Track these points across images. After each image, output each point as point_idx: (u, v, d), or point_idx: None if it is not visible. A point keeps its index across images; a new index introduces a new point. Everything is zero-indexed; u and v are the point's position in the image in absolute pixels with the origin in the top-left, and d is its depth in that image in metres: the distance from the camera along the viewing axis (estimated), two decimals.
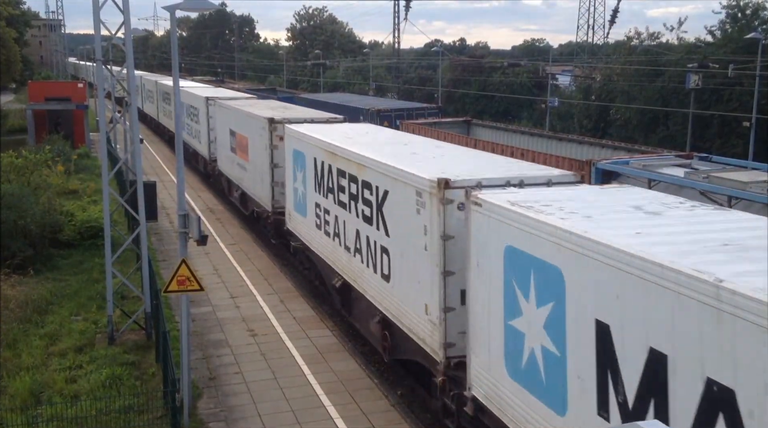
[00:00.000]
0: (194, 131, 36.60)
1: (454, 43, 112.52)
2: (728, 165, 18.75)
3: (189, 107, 37.40)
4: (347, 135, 18.51)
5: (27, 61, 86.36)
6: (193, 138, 37.25)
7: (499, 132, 34.79)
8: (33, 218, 22.31)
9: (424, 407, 14.18)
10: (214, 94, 34.99)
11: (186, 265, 12.77)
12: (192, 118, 36.82)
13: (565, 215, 9.07)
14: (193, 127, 36.84)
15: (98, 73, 17.83)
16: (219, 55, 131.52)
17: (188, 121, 37.93)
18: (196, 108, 35.24)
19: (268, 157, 23.26)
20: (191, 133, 37.61)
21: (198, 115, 34.79)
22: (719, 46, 47.20)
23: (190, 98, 37.20)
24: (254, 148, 24.89)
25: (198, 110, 34.42)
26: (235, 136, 27.84)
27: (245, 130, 26.13)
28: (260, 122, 23.93)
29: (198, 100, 34.75)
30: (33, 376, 14.53)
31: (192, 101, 36.72)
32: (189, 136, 38.09)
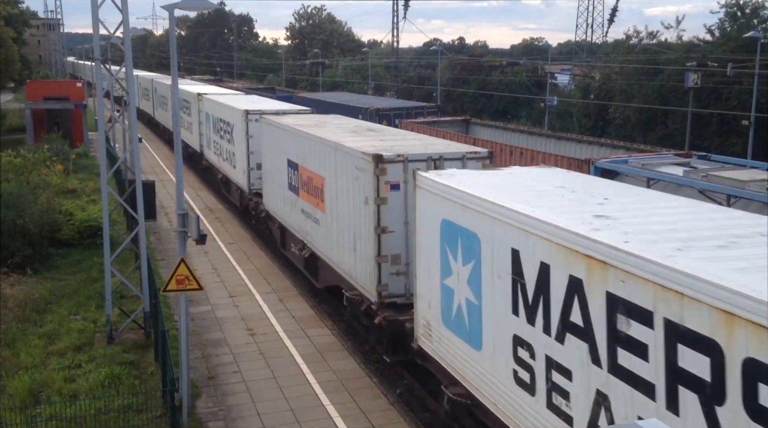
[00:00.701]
0: (226, 152, 29.97)
1: (453, 42, 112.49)
2: (727, 163, 18.77)
3: (218, 121, 31.16)
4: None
5: (26, 60, 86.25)
6: (223, 160, 30.55)
7: (498, 131, 34.80)
8: (32, 217, 22.31)
9: (424, 406, 14.20)
10: (255, 107, 27.87)
11: (185, 264, 12.76)
12: (222, 134, 30.48)
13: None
14: (224, 147, 30.21)
15: (97, 73, 17.82)
16: (218, 54, 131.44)
17: (216, 138, 32.02)
18: (229, 123, 28.70)
19: (371, 217, 14.70)
20: (219, 153, 31.48)
21: (232, 133, 28.33)
22: (718, 44, 47.21)
23: (221, 110, 30.74)
24: (342, 196, 16.52)
25: (232, 126, 28.16)
26: (298, 171, 19.93)
27: (320, 165, 17.96)
28: (359, 160, 15.17)
29: (232, 113, 28.18)
30: (32, 375, 14.52)
31: (223, 114, 30.08)
32: (216, 156, 32.17)
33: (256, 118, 25.35)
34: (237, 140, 27.41)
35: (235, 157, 27.99)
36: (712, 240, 8.01)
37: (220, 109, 30.64)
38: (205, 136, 34.62)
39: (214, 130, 32.40)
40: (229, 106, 28.94)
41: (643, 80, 48.91)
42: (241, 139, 26.41)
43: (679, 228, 8.50)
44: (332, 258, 17.55)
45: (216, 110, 31.64)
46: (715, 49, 46.06)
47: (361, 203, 15.24)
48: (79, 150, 42.12)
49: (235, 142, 27.74)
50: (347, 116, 27.63)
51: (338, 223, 16.92)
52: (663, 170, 17.56)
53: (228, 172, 29.76)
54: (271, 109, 26.38)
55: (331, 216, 17.42)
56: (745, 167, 18.02)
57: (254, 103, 30.89)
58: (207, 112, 33.68)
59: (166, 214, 29.03)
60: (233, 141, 28.17)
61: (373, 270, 14.77)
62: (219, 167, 31.62)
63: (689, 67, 42.72)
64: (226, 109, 29.33)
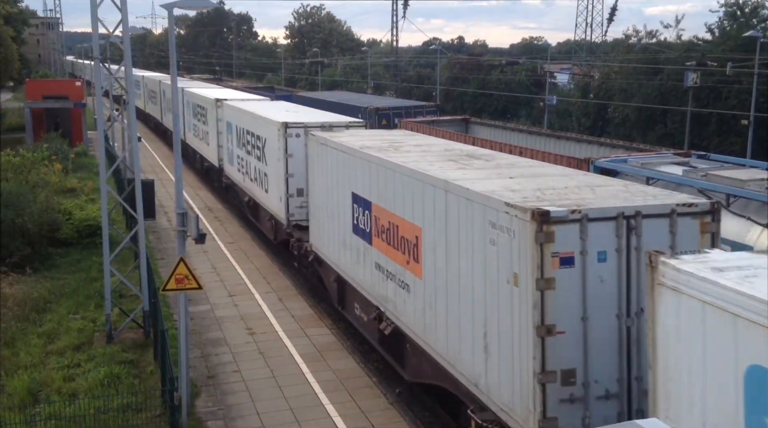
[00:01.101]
0: (254, 172, 25.07)
1: (453, 41, 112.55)
2: (726, 163, 18.76)
3: (244, 133, 26.44)
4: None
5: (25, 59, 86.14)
6: (251, 180, 25.67)
7: (497, 130, 34.76)
8: (31, 217, 22.29)
9: (423, 405, 14.19)
10: (296, 118, 22.38)
11: (184, 264, 12.76)
12: (250, 150, 25.50)
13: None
14: (252, 165, 25.39)
15: (96, 72, 17.80)
16: (217, 53, 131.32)
17: (241, 153, 27.07)
18: (260, 137, 23.87)
19: (526, 307, 9.67)
20: (246, 171, 26.42)
21: (263, 149, 23.48)
22: (718, 44, 47.21)
23: (248, 120, 25.94)
24: (459, 262, 11.38)
25: (264, 141, 23.39)
26: (371, 211, 14.89)
27: (413, 208, 13.01)
28: (498, 214, 10.21)
29: (265, 125, 23.21)
30: (31, 375, 14.52)
31: (252, 125, 25.22)
32: (241, 175, 27.19)
33: (297, 133, 20.71)
34: (271, 159, 22.45)
35: (268, 178, 23.00)
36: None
37: (247, 118, 25.69)
38: (225, 149, 29.77)
39: (238, 144, 27.21)
40: (261, 116, 23.84)
41: (643, 79, 48.91)
42: (277, 157, 21.62)
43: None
44: (437, 347, 12.17)
45: (241, 120, 26.68)
46: (715, 49, 46.07)
47: (500, 281, 10.04)
48: (78, 149, 42.10)
49: (268, 161, 22.81)
50: (348, 115, 27.44)
51: (450, 301, 11.57)
52: (662, 169, 17.55)
53: (258, 196, 24.70)
54: (316, 122, 21.55)
55: (434, 286, 12.11)
56: (744, 166, 18.01)
57: (292, 113, 24.84)
58: (228, 122, 28.91)
59: (165, 213, 29.02)
60: (265, 159, 23.22)
61: (532, 392, 9.43)
62: (245, 188, 26.46)
63: (689, 67, 42.74)
64: (256, 119, 24.31)
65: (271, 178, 22.67)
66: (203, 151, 34.86)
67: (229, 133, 29.07)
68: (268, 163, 22.84)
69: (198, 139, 36.38)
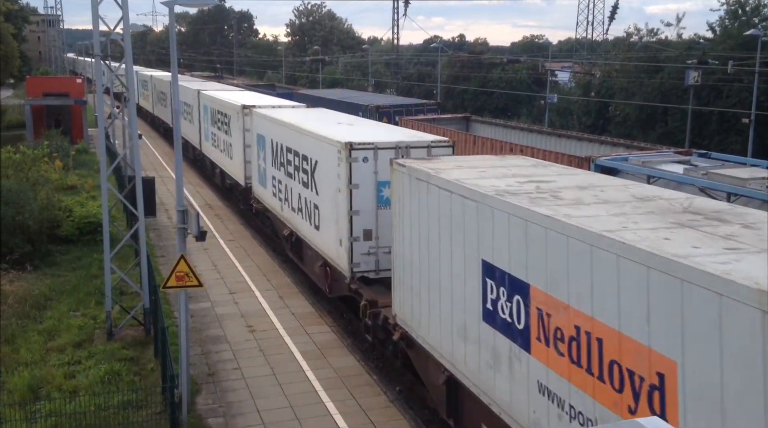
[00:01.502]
0: (299, 201, 19.73)
1: (454, 39, 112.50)
2: (727, 161, 18.76)
3: (282, 150, 21.04)
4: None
5: (25, 56, 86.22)
6: (294, 211, 20.25)
7: (498, 128, 34.74)
8: (31, 214, 22.29)
9: (423, 403, 14.19)
10: (362, 136, 16.99)
11: (185, 261, 12.76)
12: (293, 172, 20.15)
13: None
14: (294, 191, 20.17)
15: (97, 69, 17.79)
16: (218, 50, 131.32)
17: (278, 174, 21.67)
18: (308, 158, 18.61)
19: None
20: (286, 197, 21.09)
21: (313, 172, 18.31)
22: (719, 42, 47.19)
23: (288, 134, 20.53)
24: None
25: (314, 163, 18.18)
26: (529, 300, 9.40)
27: (638, 320, 7.47)
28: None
29: (318, 144, 17.86)
30: (32, 372, 14.53)
31: (295, 141, 19.86)
32: (278, 201, 22.03)
33: (364, 157, 15.76)
34: (325, 187, 17.47)
35: (320, 213, 17.96)
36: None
37: (287, 132, 20.55)
38: (255, 166, 24.65)
39: (273, 162, 22.09)
40: (308, 131, 18.60)
41: (644, 78, 48.88)
42: (336, 187, 16.50)
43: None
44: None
45: (278, 133, 21.46)
46: (716, 47, 46.05)
47: None
48: (79, 146, 42.08)
49: (321, 190, 17.81)
50: (347, 113, 27.36)
51: None
52: (663, 168, 17.55)
53: (304, 232, 19.58)
54: (388, 142, 16.13)
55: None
56: (745, 165, 18.02)
57: (351, 127, 19.28)
58: (260, 134, 23.76)
59: (165, 210, 29.02)
60: (315, 186, 18.22)
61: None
62: (284, 219, 21.37)
63: (690, 65, 42.73)
64: (301, 134, 19.22)
65: (325, 212, 17.58)
66: (225, 165, 29.92)
67: (260, 148, 23.68)
68: (321, 193, 17.87)
69: (218, 151, 31.38)
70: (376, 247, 16.10)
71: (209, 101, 33.28)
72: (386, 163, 14.75)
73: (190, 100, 37.85)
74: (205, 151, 34.54)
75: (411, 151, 15.89)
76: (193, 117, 37.50)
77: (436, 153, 15.81)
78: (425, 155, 15.66)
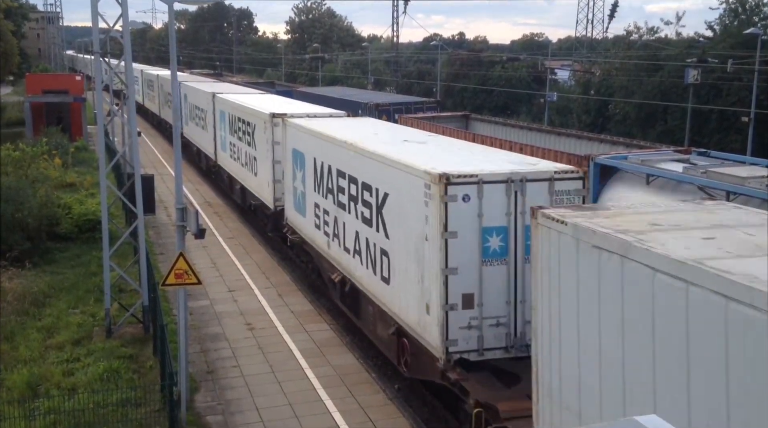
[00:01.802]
0: (366, 247, 15.03)
1: (453, 37, 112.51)
2: (726, 160, 18.74)
3: (332, 173, 16.89)
4: None
5: (25, 53, 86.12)
6: (362, 264, 15.34)
7: (497, 126, 34.73)
8: (30, 211, 22.28)
9: (422, 401, 14.20)
10: (456, 165, 12.52)
11: (184, 259, 12.76)
12: (348, 203, 15.95)
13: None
14: (352, 229, 15.85)
15: (96, 66, 17.78)
16: (217, 48, 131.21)
17: (325, 203, 17.43)
18: (371, 188, 14.59)
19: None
20: (335, 233, 16.87)
21: (380, 210, 14.20)
22: (718, 41, 47.21)
23: (346, 155, 15.94)
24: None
25: (381, 198, 14.15)
26: None
27: None
28: None
29: (392, 173, 13.57)
30: (30, 369, 14.53)
31: (359, 167, 15.24)
32: (322, 234, 17.91)
33: (465, 196, 11.70)
34: (401, 232, 13.12)
35: (390, 261, 13.65)
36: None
37: (339, 152, 16.28)
38: (288, 187, 20.58)
39: (317, 187, 17.95)
40: (380, 156, 14.05)
41: (643, 76, 48.89)
42: (421, 234, 12.25)
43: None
44: None
45: (326, 151, 17.21)
46: (716, 46, 46.06)
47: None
48: (78, 143, 42.03)
49: (394, 234, 13.46)
50: (347, 111, 27.27)
51: None
52: (662, 166, 17.53)
53: (366, 284, 15.05)
54: (499, 172, 12.09)
55: None
56: (744, 164, 18.00)
57: (441, 151, 14.91)
58: (298, 150, 19.43)
59: (165, 208, 29.00)
60: (386, 228, 13.81)
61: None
62: (334, 260, 17.06)
63: (689, 64, 42.73)
64: (363, 157, 14.83)
65: (400, 263, 13.26)
66: (248, 182, 25.82)
67: (297, 167, 19.65)
68: (393, 237, 13.46)
69: (238, 165, 27.08)
70: (480, 318, 11.78)
71: (227, 106, 28.96)
72: (494, 203, 11.69)
73: (203, 103, 33.42)
74: (222, 163, 30.32)
75: (528, 185, 11.89)
76: (206, 123, 32.85)
77: (561, 187, 12.03)
78: (546, 191, 11.93)
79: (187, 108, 37.93)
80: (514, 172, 12.04)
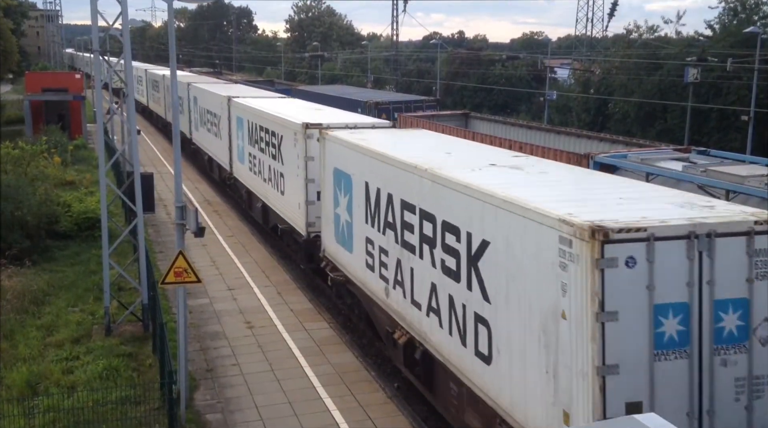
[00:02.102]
0: (447, 309, 11.52)
1: (453, 35, 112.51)
2: (726, 159, 18.77)
3: (418, 215, 12.43)
4: None
5: (24, 51, 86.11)
6: (443, 328, 11.69)
7: (497, 125, 34.76)
8: (30, 209, 22.27)
9: (421, 399, 14.20)
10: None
11: (183, 257, 12.75)
12: (423, 246, 12.29)
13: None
14: (432, 285, 12.06)
15: (95, 64, 17.76)
16: (217, 46, 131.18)
17: (382, 239, 14.16)
18: (467, 234, 10.71)
19: None
20: (399, 284, 13.50)
21: (479, 258, 10.41)
22: (718, 40, 47.22)
23: (413, 182, 12.58)
24: None
25: (486, 246, 10.21)
26: None
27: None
28: None
29: (519, 224, 9.33)
30: (30, 367, 14.52)
31: (457, 210, 11.03)
32: (385, 285, 14.14)
33: (628, 257, 8.11)
34: (514, 297, 9.61)
35: (492, 334, 10.19)
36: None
37: (407, 180, 12.75)
38: (329, 214, 17.30)
39: (371, 218, 14.61)
40: (482, 192, 10.32)
41: (643, 75, 48.90)
42: (552, 308, 8.71)
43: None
44: None
45: (386, 176, 13.73)
46: (715, 45, 46.07)
47: None
48: (77, 142, 42.01)
49: (498, 296, 10.01)
50: (346, 110, 27.19)
51: None
52: (662, 165, 17.56)
53: (450, 355, 11.58)
54: (676, 222, 8.34)
55: None
56: (744, 162, 18.03)
57: (581, 191, 10.66)
58: (339, 169, 16.32)
59: (164, 206, 29.00)
60: (484, 287, 10.37)
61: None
62: (396, 314, 13.71)
63: (689, 63, 42.74)
64: (448, 190, 11.30)
65: (512, 341, 9.72)
66: (273, 201, 22.62)
67: (340, 191, 16.34)
68: (497, 300, 10.04)
69: (260, 180, 23.97)
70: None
71: (245, 112, 26.00)
72: (671, 268, 8.21)
73: (216, 108, 30.38)
74: (239, 176, 27.38)
75: (717, 242, 8.29)
76: (220, 130, 29.79)
77: (762, 244, 8.39)
78: (744, 251, 8.36)
79: (197, 112, 34.58)
80: (695, 221, 8.35)
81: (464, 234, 10.80)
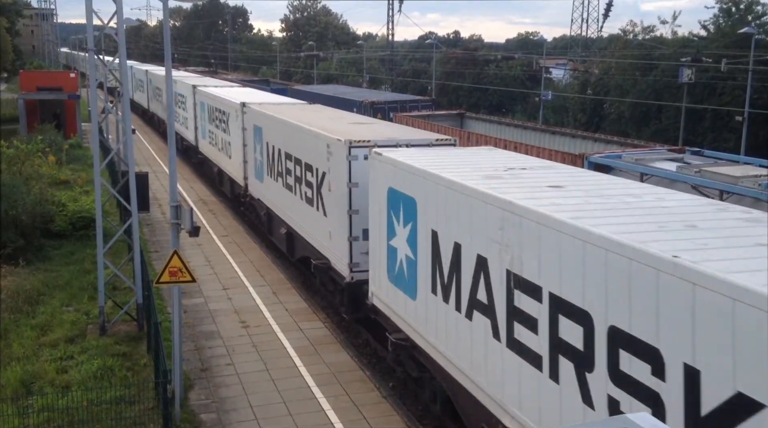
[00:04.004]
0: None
1: (448, 35, 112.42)
2: (720, 159, 18.82)
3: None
4: None
5: (19, 50, 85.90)
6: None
7: (492, 125, 34.79)
8: (24, 208, 22.23)
9: (416, 399, 14.23)
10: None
11: (178, 256, 12.74)
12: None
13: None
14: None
15: (90, 63, 17.74)
16: (212, 45, 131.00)
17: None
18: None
19: None
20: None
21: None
22: (712, 40, 47.35)
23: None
24: None
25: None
26: None
27: None
28: None
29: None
30: (24, 367, 14.50)
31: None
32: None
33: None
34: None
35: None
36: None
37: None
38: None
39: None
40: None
41: (638, 76, 49.01)
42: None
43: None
44: None
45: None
46: (710, 45, 46.19)
47: None
48: (72, 141, 41.92)
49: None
50: (342, 109, 27.14)
51: None
52: (656, 165, 17.61)
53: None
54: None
55: None
56: (738, 163, 18.09)
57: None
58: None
59: (159, 205, 28.97)
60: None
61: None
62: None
63: (683, 63, 42.84)
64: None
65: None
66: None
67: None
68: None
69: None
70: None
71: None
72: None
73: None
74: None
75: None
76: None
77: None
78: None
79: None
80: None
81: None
